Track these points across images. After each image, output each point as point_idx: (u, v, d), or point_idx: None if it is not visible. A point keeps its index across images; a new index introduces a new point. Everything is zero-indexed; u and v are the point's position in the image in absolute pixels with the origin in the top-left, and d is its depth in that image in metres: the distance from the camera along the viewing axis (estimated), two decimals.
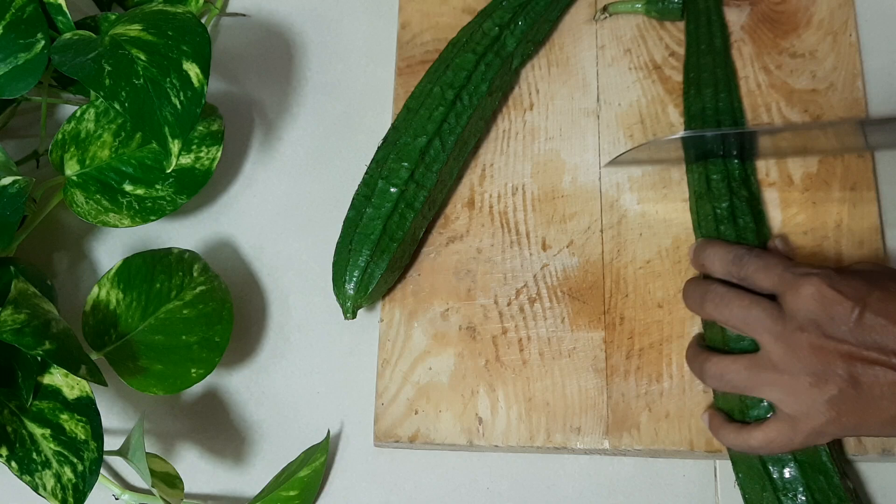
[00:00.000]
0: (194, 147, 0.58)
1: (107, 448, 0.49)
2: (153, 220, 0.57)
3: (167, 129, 0.50)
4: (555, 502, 0.52)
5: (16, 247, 0.55)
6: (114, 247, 0.61)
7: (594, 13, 0.60)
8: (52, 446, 0.48)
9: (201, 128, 0.58)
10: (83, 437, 0.48)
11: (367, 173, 0.55)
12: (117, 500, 0.54)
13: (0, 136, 0.63)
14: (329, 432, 0.55)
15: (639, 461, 0.52)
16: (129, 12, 0.56)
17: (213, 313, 0.55)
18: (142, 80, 0.50)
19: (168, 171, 0.50)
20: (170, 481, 0.51)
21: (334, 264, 0.54)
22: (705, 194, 0.52)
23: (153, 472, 0.49)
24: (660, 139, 0.54)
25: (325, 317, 0.57)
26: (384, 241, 0.53)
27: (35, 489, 0.47)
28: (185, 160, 0.57)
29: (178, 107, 0.50)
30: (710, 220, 0.52)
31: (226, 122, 0.59)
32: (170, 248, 0.56)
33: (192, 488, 0.55)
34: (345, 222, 0.55)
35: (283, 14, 0.67)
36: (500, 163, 0.58)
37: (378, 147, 0.56)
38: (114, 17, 0.58)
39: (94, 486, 0.48)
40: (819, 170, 0.54)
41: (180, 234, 0.61)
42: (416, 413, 0.53)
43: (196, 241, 0.61)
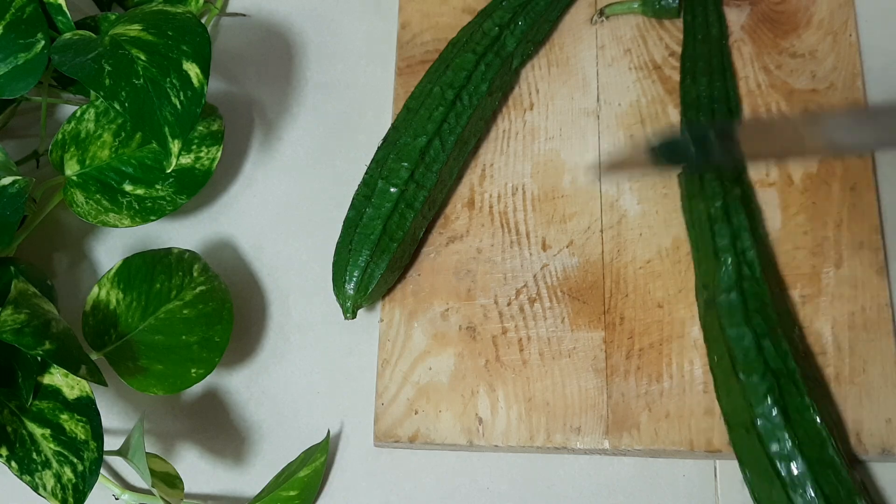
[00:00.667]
0: (194, 147, 0.58)
1: (107, 448, 0.49)
2: (153, 220, 0.57)
3: (167, 129, 0.50)
4: (555, 502, 0.52)
5: (16, 247, 0.55)
6: (114, 247, 0.61)
7: (593, 14, 0.60)
8: (52, 446, 0.48)
9: (201, 128, 0.58)
10: (83, 437, 0.48)
11: (367, 173, 0.55)
12: (117, 500, 0.54)
13: (0, 136, 0.63)
14: (329, 432, 0.55)
15: (639, 461, 0.52)
16: (129, 12, 0.56)
17: (213, 313, 0.55)
18: (142, 80, 0.50)
19: (168, 171, 0.50)
20: (170, 481, 0.51)
21: (334, 264, 0.54)
22: (698, 194, 0.52)
23: (153, 472, 0.49)
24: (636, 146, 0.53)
25: (325, 317, 0.57)
26: (384, 241, 0.53)
27: (35, 489, 0.47)
28: (185, 160, 0.57)
29: (178, 107, 0.50)
30: (705, 220, 0.51)
31: (226, 122, 0.59)
32: (170, 248, 0.56)
33: (192, 488, 0.55)
34: (345, 222, 0.55)
35: (283, 14, 0.67)
36: (500, 163, 0.58)
37: (378, 147, 0.56)
38: (114, 17, 0.58)
39: (94, 486, 0.48)
40: (819, 170, 0.54)
41: (180, 234, 0.61)
42: (416, 413, 0.53)
43: (196, 241, 0.61)
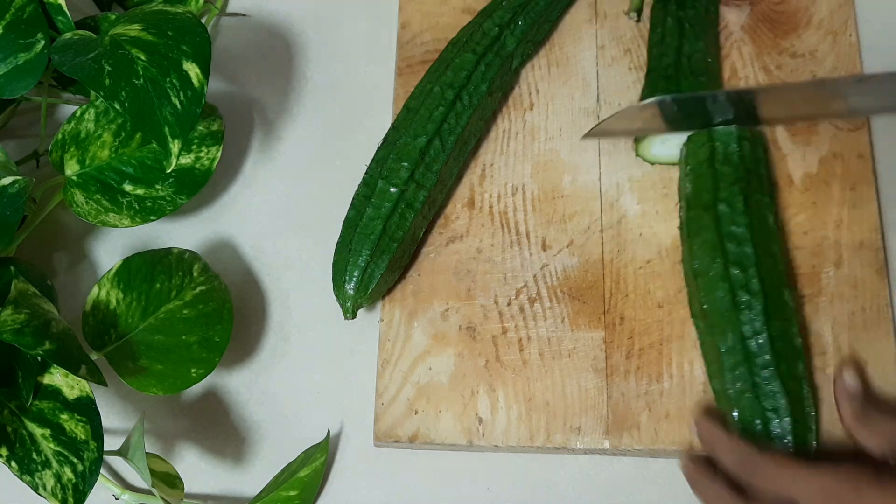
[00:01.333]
0: (194, 147, 0.58)
1: (107, 448, 0.49)
2: (153, 220, 0.57)
3: (167, 129, 0.50)
4: (555, 502, 0.52)
5: (16, 247, 0.55)
6: (114, 247, 0.61)
7: (593, 14, 0.60)
8: (52, 446, 0.48)
9: (201, 128, 0.58)
10: (83, 437, 0.48)
11: (367, 173, 0.55)
12: (117, 500, 0.54)
13: (0, 136, 0.63)
14: (329, 432, 0.55)
15: (639, 461, 0.52)
16: (129, 12, 0.56)
17: (213, 313, 0.55)
18: (142, 80, 0.50)
19: (168, 171, 0.50)
20: (170, 481, 0.51)
21: (334, 264, 0.54)
22: (700, 191, 0.52)
23: (153, 472, 0.49)
24: (633, 106, 0.52)
25: (325, 317, 0.57)
26: (384, 241, 0.53)
27: (35, 489, 0.47)
28: (185, 160, 0.57)
29: (178, 107, 0.50)
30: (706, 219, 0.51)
31: (226, 122, 0.59)
32: (170, 248, 0.56)
33: (192, 488, 0.55)
34: (345, 222, 0.55)
35: (283, 14, 0.67)
36: (500, 163, 0.58)
37: (378, 147, 0.56)
38: (114, 17, 0.58)
39: (94, 486, 0.48)
40: (819, 170, 0.54)
41: (180, 234, 0.61)
42: (416, 413, 0.53)
43: (196, 241, 0.61)
